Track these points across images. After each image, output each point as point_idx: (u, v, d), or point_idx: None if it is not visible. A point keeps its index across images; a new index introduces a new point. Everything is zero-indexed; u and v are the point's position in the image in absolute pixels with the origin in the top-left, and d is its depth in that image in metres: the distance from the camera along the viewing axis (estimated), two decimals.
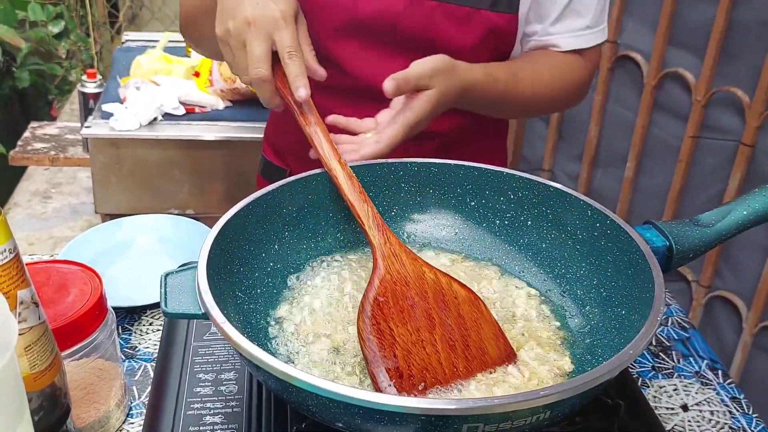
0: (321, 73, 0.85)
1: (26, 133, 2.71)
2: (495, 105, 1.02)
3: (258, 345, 0.57)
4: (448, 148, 1.08)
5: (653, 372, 0.90)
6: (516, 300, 0.79)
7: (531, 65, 1.04)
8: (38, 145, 2.61)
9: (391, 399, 0.53)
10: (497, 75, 0.97)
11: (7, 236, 0.58)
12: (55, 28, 3.54)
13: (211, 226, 1.08)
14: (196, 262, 0.67)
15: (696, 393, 0.87)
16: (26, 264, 0.61)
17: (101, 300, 0.74)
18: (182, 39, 2.37)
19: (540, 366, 0.70)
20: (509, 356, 0.69)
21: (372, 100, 0.94)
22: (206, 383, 0.73)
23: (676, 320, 1.00)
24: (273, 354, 0.64)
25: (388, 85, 0.84)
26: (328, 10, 0.98)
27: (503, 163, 1.23)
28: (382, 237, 0.73)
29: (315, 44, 0.88)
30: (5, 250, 0.58)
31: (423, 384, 0.64)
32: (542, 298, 0.80)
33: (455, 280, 0.72)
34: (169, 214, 1.99)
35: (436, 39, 0.99)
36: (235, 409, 0.70)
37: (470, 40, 1.00)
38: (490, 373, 0.67)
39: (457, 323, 0.68)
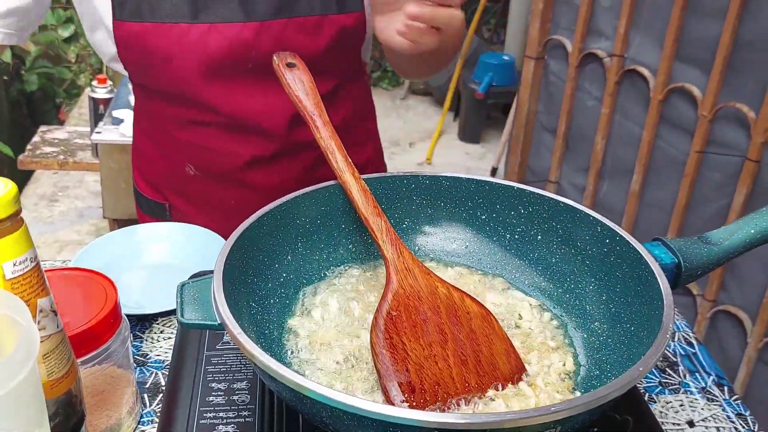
0: None
1: (35, 138, 2.72)
2: None
3: (271, 355, 0.58)
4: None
5: (660, 387, 0.90)
6: (522, 312, 0.80)
7: None
8: (47, 150, 2.63)
9: (404, 412, 0.54)
10: None
11: (29, 245, 0.59)
12: (65, 32, 3.56)
13: (219, 233, 1.11)
14: (211, 273, 0.68)
15: (702, 409, 0.88)
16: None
17: (116, 308, 0.75)
18: None
19: (546, 375, 0.71)
20: (520, 371, 0.70)
21: (247, 132, 0.96)
22: (219, 392, 0.74)
23: (683, 335, 1.00)
24: (286, 364, 0.65)
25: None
26: (186, 56, 0.98)
27: (378, 145, 1.25)
28: (396, 251, 0.74)
29: (182, 90, 0.88)
30: (26, 259, 0.59)
31: (436, 399, 0.65)
32: (551, 312, 0.81)
33: (468, 295, 0.73)
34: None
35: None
36: (247, 419, 0.71)
37: (322, 45, 1.01)
38: (501, 389, 0.68)
39: (469, 338, 0.69)
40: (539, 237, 0.84)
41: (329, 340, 0.73)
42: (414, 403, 0.64)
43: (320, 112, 0.83)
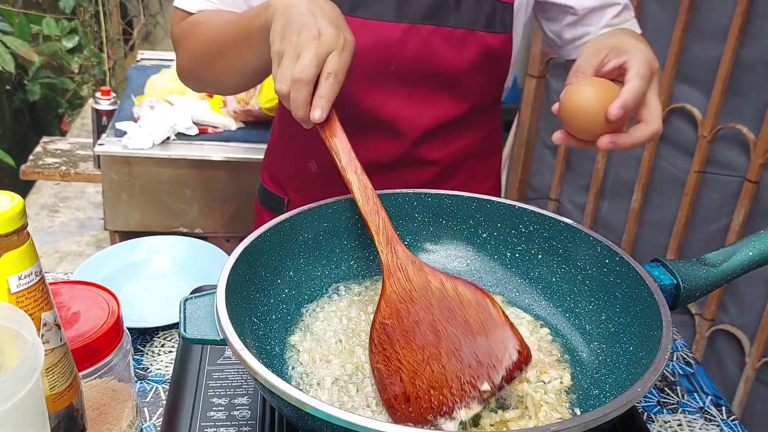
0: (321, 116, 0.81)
1: (38, 148, 2.73)
2: None
3: (272, 371, 0.58)
4: (446, 173, 1.11)
5: (658, 407, 0.91)
6: (521, 329, 0.81)
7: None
8: (49, 160, 2.64)
9: (402, 429, 0.54)
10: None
11: (34, 259, 0.60)
12: (68, 43, 3.57)
13: (219, 246, 1.11)
14: (213, 287, 0.68)
15: (700, 429, 0.88)
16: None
17: (118, 322, 0.75)
18: None
19: (544, 393, 0.71)
20: (524, 358, 0.67)
21: (376, 135, 0.96)
22: (219, 408, 0.74)
23: (681, 355, 1.01)
24: (287, 380, 0.66)
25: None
26: None
27: (497, 183, 1.24)
28: (390, 251, 0.74)
29: None
30: (31, 273, 0.59)
31: (431, 404, 0.65)
32: (549, 329, 0.81)
33: (462, 281, 0.72)
34: (177, 232, 2.03)
35: (431, 64, 1.00)
36: None
37: (466, 61, 1.01)
38: (504, 381, 0.66)
39: (463, 331, 0.68)
40: (540, 256, 0.84)
41: (330, 357, 0.73)
42: (412, 413, 0.64)
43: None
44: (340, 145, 0.79)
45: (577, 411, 0.71)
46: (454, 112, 1.05)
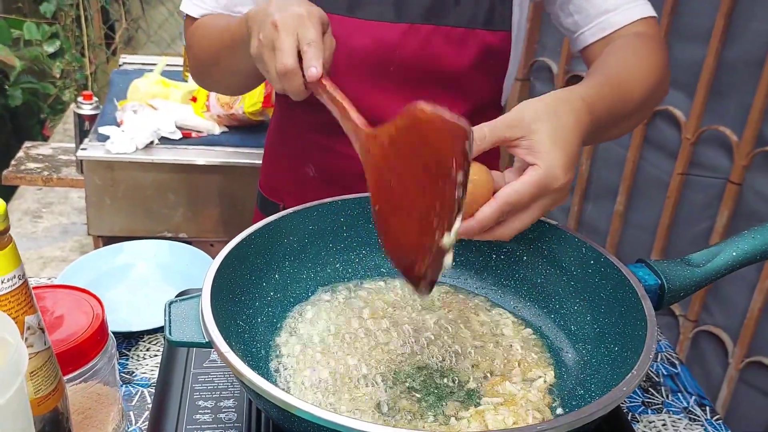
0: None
1: (20, 153, 2.71)
2: (618, 116, 0.90)
3: (258, 373, 0.58)
4: None
5: (643, 407, 0.91)
6: (505, 330, 0.81)
7: (614, 59, 0.95)
8: (31, 165, 2.62)
9: (387, 430, 0.54)
10: (595, 85, 0.85)
11: (17, 263, 0.59)
12: (50, 48, 3.55)
13: (204, 251, 1.11)
14: (198, 291, 0.68)
15: (684, 429, 0.89)
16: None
17: (103, 325, 0.75)
18: (180, 63, 2.40)
19: (527, 392, 0.71)
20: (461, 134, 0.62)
21: None
22: (206, 410, 0.74)
23: (665, 356, 1.01)
24: (273, 382, 0.65)
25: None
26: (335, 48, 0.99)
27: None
28: (359, 125, 0.73)
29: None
30: (14, 277, 0.59)
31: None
32: (534, 331, 0.81)
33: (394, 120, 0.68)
34: (162, 237, 2.02)
35: (431, 64, 1.00)
36: None
37: (466, 60, 1.01)
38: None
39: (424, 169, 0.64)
40: (525, 257, 0.85)
41: (316, 359, 0.73)
42: (411, 237, 0.65)
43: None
44: (338, 93, 0.78)
45: (560, 411, 0.71)
46: (456, 112, 1.05)
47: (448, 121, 0.62)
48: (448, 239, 0.62)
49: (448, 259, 0.64)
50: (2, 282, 0.58)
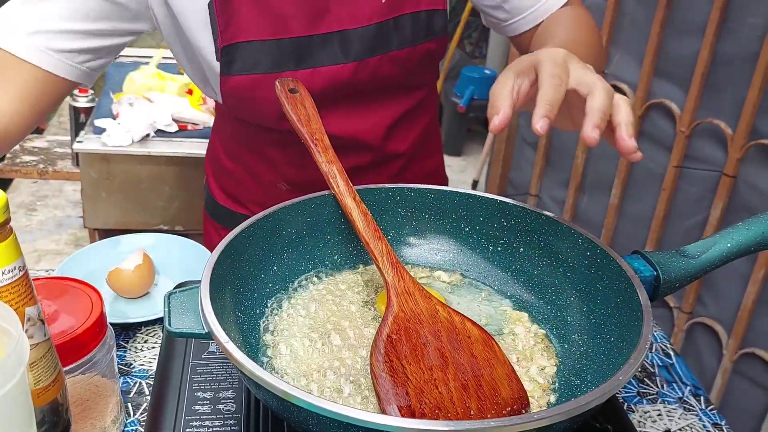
0: None
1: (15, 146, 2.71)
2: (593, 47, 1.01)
3: (257, 363, 0.58)
4: (409, 166, 1.15)
5: (638, 397, 0.92)
6: (500, 320, 0.81)
7: (561, 29, 1.01)
8: (27, 158, 2.62)
9: (389, 419, 0.54)
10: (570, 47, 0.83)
11: (17, 254, 0.60)
12: None
13: (200, 243, 1.11)
14: (197, 282, 0.68)
15: (679, 419, 0.89)
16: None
17: (102, 317, 0.75)
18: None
19: (525, 382, 0.72)
20: (522, 398, 0.67)
21: (344, 148, 0.97)
22: (204, 401, 0.74)
23: (660, 347, 1.02)
24: (272, 373, 0.66)
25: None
26: None
27: (444, 174, 1.30)
28: (396, 275, 0.74)
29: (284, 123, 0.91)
30: (15, 268, 0.59)
31: None
32: (532, 322, 0.82)
33: (468, 319, 0.72)
34: (158, 229, 2.02)
35: (382, 82, 1.04)
36: (233, 428, 0.71)
37: (411, 69, 1.05)
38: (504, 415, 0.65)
39: (470, 363, 0.68)
40: (521, 249, 0.85)
41: (316, 349, 0.74)
42: None
43: (321, 136, 0.84)
44: (336, 170, 0.82)
45: (556, 400, 0.72)
46: (410, 103, 1.10)
47: (522, 385, 0.68)
48: None
49: None
50: (3, 273, 0.58)
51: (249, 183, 1.17)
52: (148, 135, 1.99)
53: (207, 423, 0.72)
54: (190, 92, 2.11)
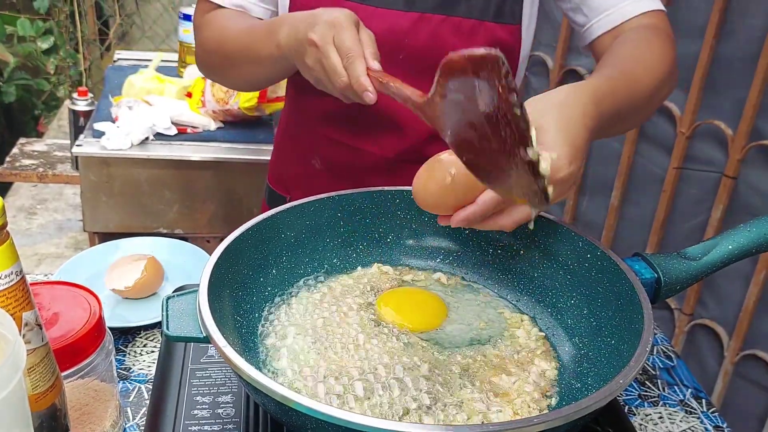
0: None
1: (14, 150, 2.70)
2: (628, 109, 0.89)
3: (256, 368, 0.58)
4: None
5: (639, 400, 0.92)
6: (501, 323, 0.81)
7: (624, 51, 0.95)
8: (26, 162, 2.61)
9: (386, 424, 0.54)
10: (605, 77, 0.85)
11: (14, 259, 0.59)
12: (44, 44, 3.54)
13: (200, 247, 1.11)
14: (196, 286, 0.68)
15: (680, 421, 0.89)
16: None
17: (100, 322, 0.75)
18: (175, 59, 2.39)
19: (525, 384, 0.71)
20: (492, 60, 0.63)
21: (383, 131, 0.96)
22: (203, 406, 0.74)
23: (661, 349, 1.02)
24: (270, 377, 0.66)
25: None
26: None
27: None
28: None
29: None
30: (12, 273, 0.59)
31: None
32: (533, 325, 0.81)
33: None
34: (157, 233, 2.02)
35: (440, 54, 0.98)
36: None
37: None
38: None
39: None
40: (522, 252, 0.85)
41: (314, 353, 0.73)
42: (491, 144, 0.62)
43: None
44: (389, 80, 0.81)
45: (557, 403, 0.71)
46: None
47: (477, 56, 0.63)
48: (532, 151, 0.61)
49: (544, 165, 0.63)
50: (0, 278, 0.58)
51: (292, 159, 1.17)
52: (147, 138, 1.98)
53: (206, 427, 0.71)
54: (189, 95, 2.11)
